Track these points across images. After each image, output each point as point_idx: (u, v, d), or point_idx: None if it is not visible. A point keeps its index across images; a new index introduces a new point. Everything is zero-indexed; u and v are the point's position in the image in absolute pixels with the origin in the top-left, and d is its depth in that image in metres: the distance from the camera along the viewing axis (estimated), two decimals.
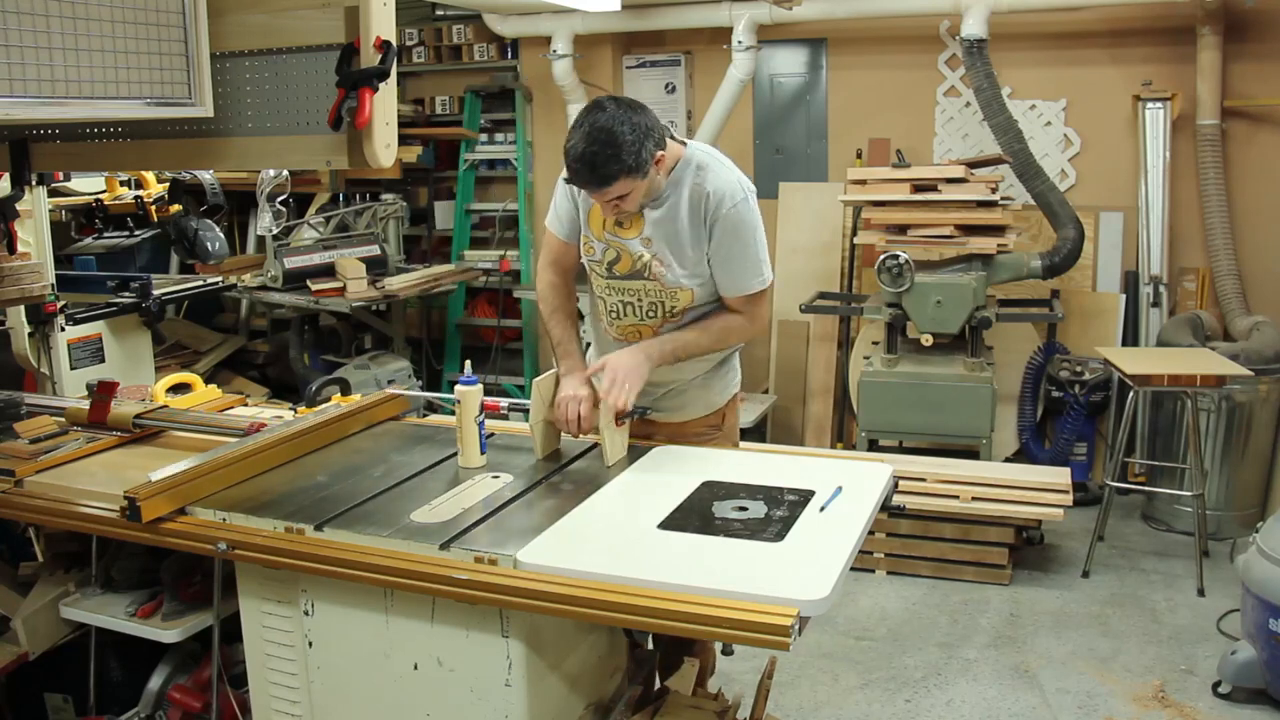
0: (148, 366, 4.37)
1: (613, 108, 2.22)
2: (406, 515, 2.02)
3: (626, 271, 2.47)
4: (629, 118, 2.21)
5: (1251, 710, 3.28)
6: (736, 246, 2.40)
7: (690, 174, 2.38)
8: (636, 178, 2.24)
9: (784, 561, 1.81)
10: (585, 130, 2.21)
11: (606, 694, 2.13)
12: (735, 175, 2.42)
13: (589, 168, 2.21)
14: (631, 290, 2.49)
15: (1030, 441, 5.17)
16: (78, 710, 2.53)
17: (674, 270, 2.42)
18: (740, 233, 2.39)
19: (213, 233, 4.89)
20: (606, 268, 2.49)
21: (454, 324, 6.42)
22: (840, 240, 5.63)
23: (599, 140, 2.18)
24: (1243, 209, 4.96)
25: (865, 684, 3.48)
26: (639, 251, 2.43)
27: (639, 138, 2.21)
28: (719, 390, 2.64)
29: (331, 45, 2.22)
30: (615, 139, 2.18)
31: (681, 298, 2.45)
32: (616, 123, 2.19)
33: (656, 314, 2.49)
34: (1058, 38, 5.18)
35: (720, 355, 2.60)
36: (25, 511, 2.25)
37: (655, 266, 2.43)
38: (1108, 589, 4.15)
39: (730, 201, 2.36)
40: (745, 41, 5.24)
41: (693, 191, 2.37)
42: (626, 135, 2.19)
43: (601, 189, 2.25)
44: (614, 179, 2.22)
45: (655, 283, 2.44)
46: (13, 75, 1.90)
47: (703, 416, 2.64)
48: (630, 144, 2.19)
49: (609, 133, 2.18)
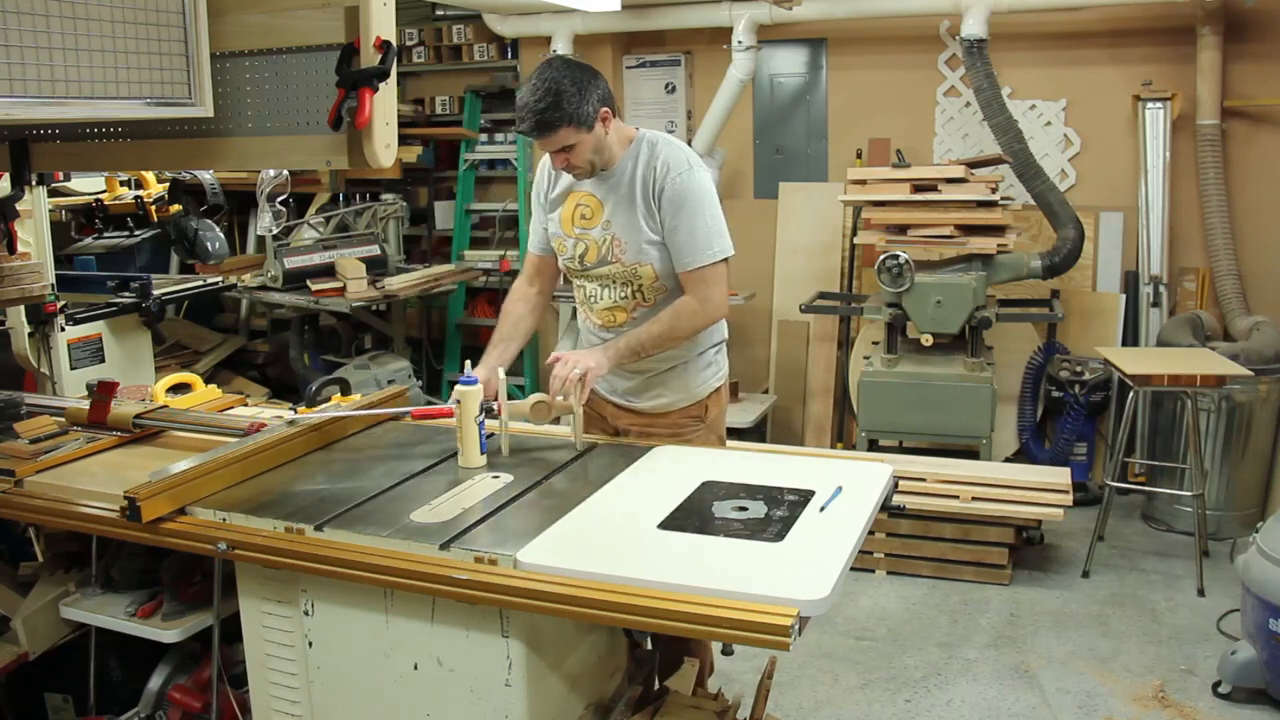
0: (148, 366, 4.37)
1: (560, 64, 2.39)
2: (406, 515, 2.02)
3: (595, 260, 2.60)
4: (573, 74, 2.37)
5: (1251, 710, 3.28)
6: (683, 215, 2.48)
7: (643, 150, 2.52)
8: (581, 130, 2.39)
9: (784, 561, 1.81)
10: (533, 83, 2.36)
11: (606, 694, 2.13)
12: (684, 150, 2.55)
13: (534, 115, 2.35)
14: (603, 276, 2.61)
15: (1030, 441, 5.18)
16: (78, 710, 2.53)
17: (631, 249, 2.54)
18: (686, 201, 2.48)
19: (213, 233, 4.89)
20: (579, 261, 2.63)
21: (454, 324, 6.42)
22: (840, 240, 5.64)
23: (544, 90, 2.33)
24: (1243, 209, 4.96)
25: (865, 684, 3.48)
26: (602, 237, 2.56)
27: (582, 91, 2.36)
28: (699, 380, 2.69)
29: (331, 45, 2.22)
30: (559, 89, 2.33)
31: (644, 274, 2.56)
32: (561, 75, 2.35)
33: (629, 295, 2.61)
34: (1058, 38, 5.18)
35: (699, 345, 2.66)
36: (25, 511, 2.25)
37: (615, 249, 2.55)
38: (1108, 589, 4.15)
39: (677, 170, 2.48)
40: (745, 41, 5.24)
41: (644, 166, 2.50)
42: (569, 87, 2.34)
43: (546, 136, 2.39)
44: (557, 126, 2.36)
45: (618, 264, 2.56)
46: (13, 75, 1.90)
47: (684, 407, 2.69)
48: (572, 95, 2.34)
49: (554, 83, 2.34)
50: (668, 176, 2.47)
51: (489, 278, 6.18)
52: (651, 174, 2.49)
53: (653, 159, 2.50)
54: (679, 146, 2.55)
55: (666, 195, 2.47)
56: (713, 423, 2.75)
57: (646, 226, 2.51)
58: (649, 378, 2.65)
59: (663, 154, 2.50)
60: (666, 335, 2.53)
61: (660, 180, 2.47)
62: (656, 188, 2.48)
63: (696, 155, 2.57)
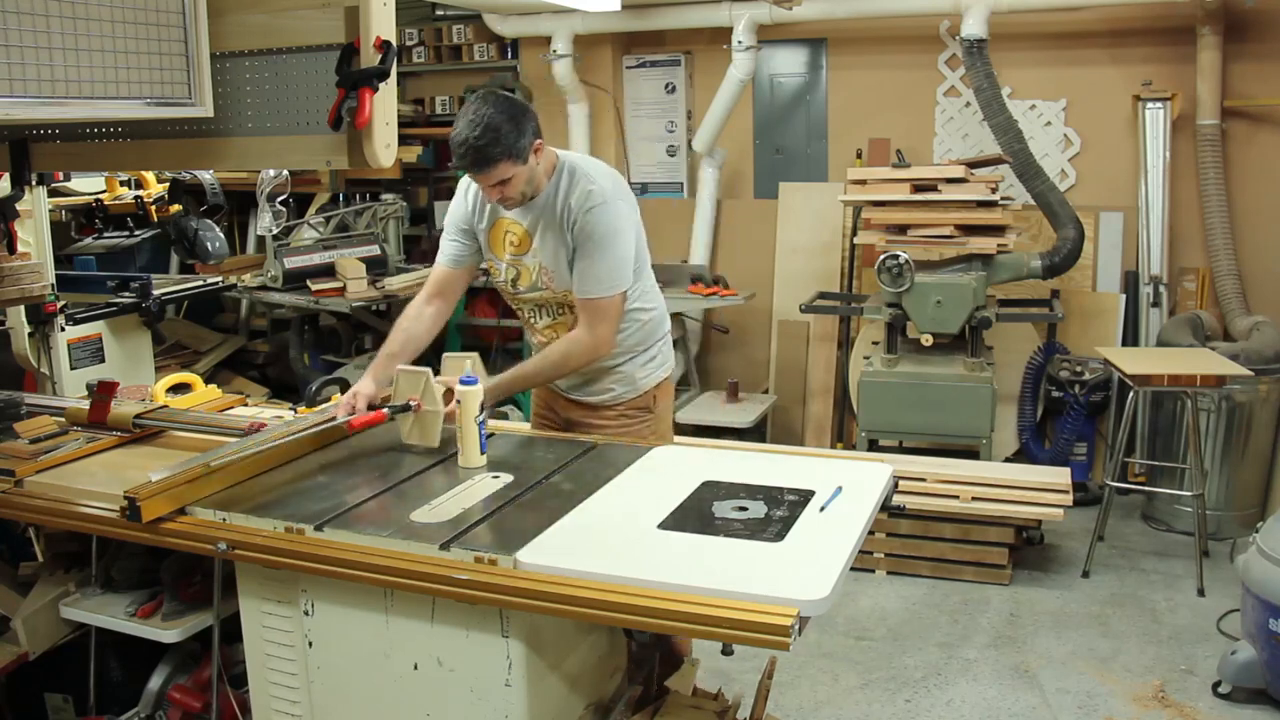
0: (148, 366, 4.37)
1: (493, 99, 2.42)
2: (406, 515, 2.02)
3: (528, 285, 2.69)
4: (508, 109, 2.41)
5: (1251, 710, 3.28)
6: (589, 249, 2.54)
7: (564, 179, 2.56)
8: (518, 163, 2.43)
9: (784, 561, 1.81)
10: (469, 119, 2.39)
11: (606, 694, 2.13)
12: (601, 178, 2.56)
13: (474, 151, 2.39)
14: (537, 300, 2.71)
15: (1030, 441, 5.17)
16: (78, 710, 2.53)
17: (559, 278, 2.61)
18: (593, 236, 2.53)
19: (213, 233, 4.89)
20: (512, 285, 2.72)
21: (454, 324, 6.41)
22: (840, 240, 5.64)
23: (482, 126, 2.36)
24: (1243, 209, 4.96)
25: (865, 684, 3.48)
26: (532, 265, 2.64)
27: (518, 125, 2.40)
28: (645, 373, 2.78)
29: (331, 45, 2.22)
30: (496, 126, 2.37)
31: (572, 300, 2.62)
32: (497, 111, 2.38)
33: (565, 314, 2.69)
34: (1058, 38, 5.18)
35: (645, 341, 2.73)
36: (25, 511, 2.25)
37: (544, 277, 2.62)
38: (1108, 589, 4.15)
39: (591, 204, 2.52)
40: (745, 41, 5.24)
41: (563, 195, 2.55)
42: (505, 123, 2.38)
43: (485, 171, 2.42)
44: (497, 161, 2.40)
45: (549, 290, 2.64)
46: (13, 75, 1.90)
47: (631, 399, 2.77)
48: (509, 130, 2.38)
49: (491, 119, 2.37)
50: (582, 209, 2.51)
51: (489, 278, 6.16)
52: (568, 207, 2.53)
53: (571, 188, 2.53)
54: (598, 174, 2.57)
55: (578, 227, 2.52)
56: (661, 414, 2.83)
57: (568, 260, 2.57)
58: (596, 369, 2.71)
59: (580, 185, 2.53)
60: (552, 373, 2.65)
61: (575, 212, 2.52)
62: (571, 219, 2.53)
63: (616, 179, 2.60)
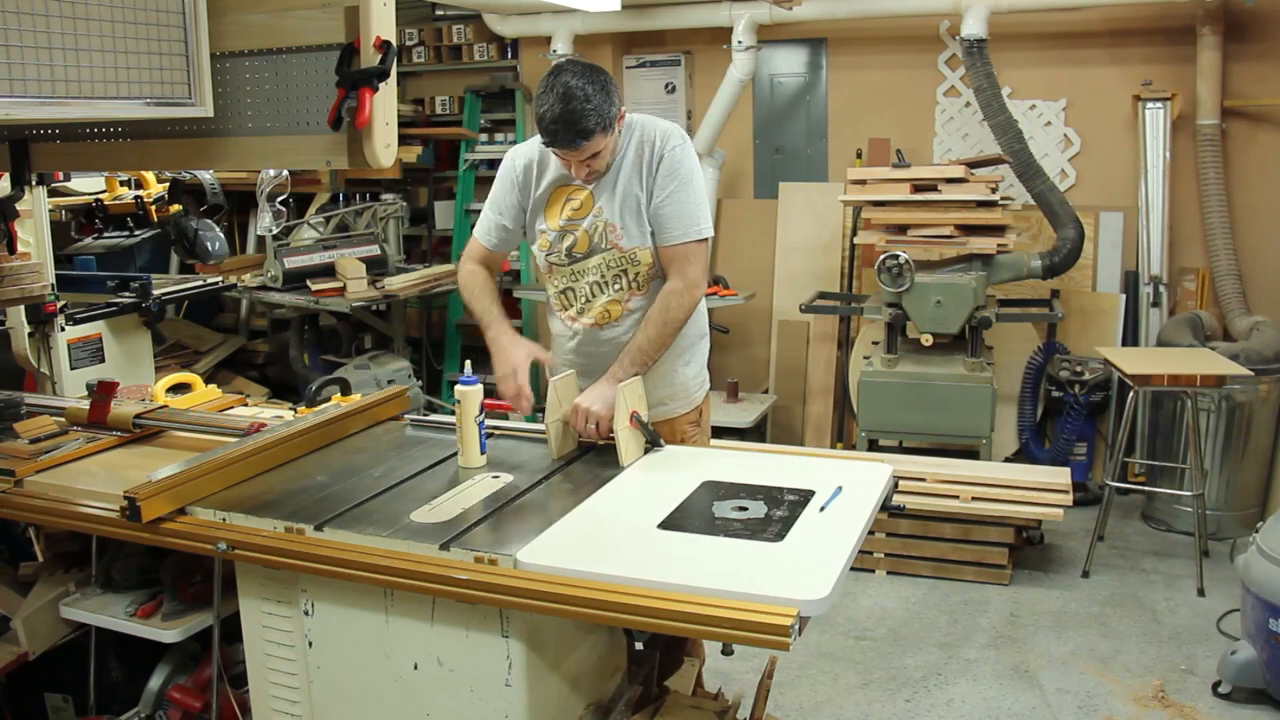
0: (148, 366, 4.37)
1: (578, 70, 2.32)
2: (406, 515, 2.02)
3: (586, 249, 2.55)
4: (594, 78, 2.32)
5: (1251, 710, 3.28)
6: (675, 185, 2.47)
7: (635, 130, 2.50)
8: (609, 134, 2.36)
9: (784, 561, 1.81)
10: (558, 93, 2.29)
11: (606, 694, 2.13)
12: (673, 124, 2.54)
13: (567, 126, 2.30)
14: (595, 269, 2.56)
15: (1030, 441, 5.17)
16: (78, 710, 2.53)
17: (630, 233, 2.51)
18: (679, 172, 2.47)
19: (213, 233, 4.89)
20: (567, 254, 2.57)
21: (454, 324, 6.42)
22: (840, 240, 5.64)
23: (573, 99, 2.28)
24: (1243, 209, 4.96)
25: (865, 684, 3.48)
26: (593, 225, 2.52)
27: (604, 97, 2.32)
28: (693, 385, 2.71)
29: (331, 45, 2.22)
30: (588, 96, 2.29)
31: (642, 259, 2.53)
32: (585, 83, 2.30)
33: (623, 285, 2.56)
34: (1058, 38, 5.18)
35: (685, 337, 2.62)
36: (25, 511, 2.25)
37: (610, 235, 2.51)
38: (1108, 589, 4.15)
39: (674, 142, 2.48)
40: (745, 41, 5.24)
41: (637, 141, 2.48)
42: (595, 93, 2.30)
43: (579, 146, 2.34)
44: (591, 135, 2.32)
45: (614, 250, 2.52)
46: (13, 75, 1.90)
47: (685, 414, 2.70)
48: (601, 101, 2.31)
49: (581, 90, 2.29)
50: (666, 146, 2.46)
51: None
52: (648, 145, 2.47)
53: (645, 133, 2.49)
54: (667, 121, 2.55)
55: (664, 164, 2.45)
56: (705, 426, 2.80)
57: (643, 206, 2.49)
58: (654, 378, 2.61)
59: (657, 127, 2.49)
60: (662, 332, 2.49)
61: (659, 149, 2.46)
62: (654, 156, 2.46)
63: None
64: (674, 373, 2.65)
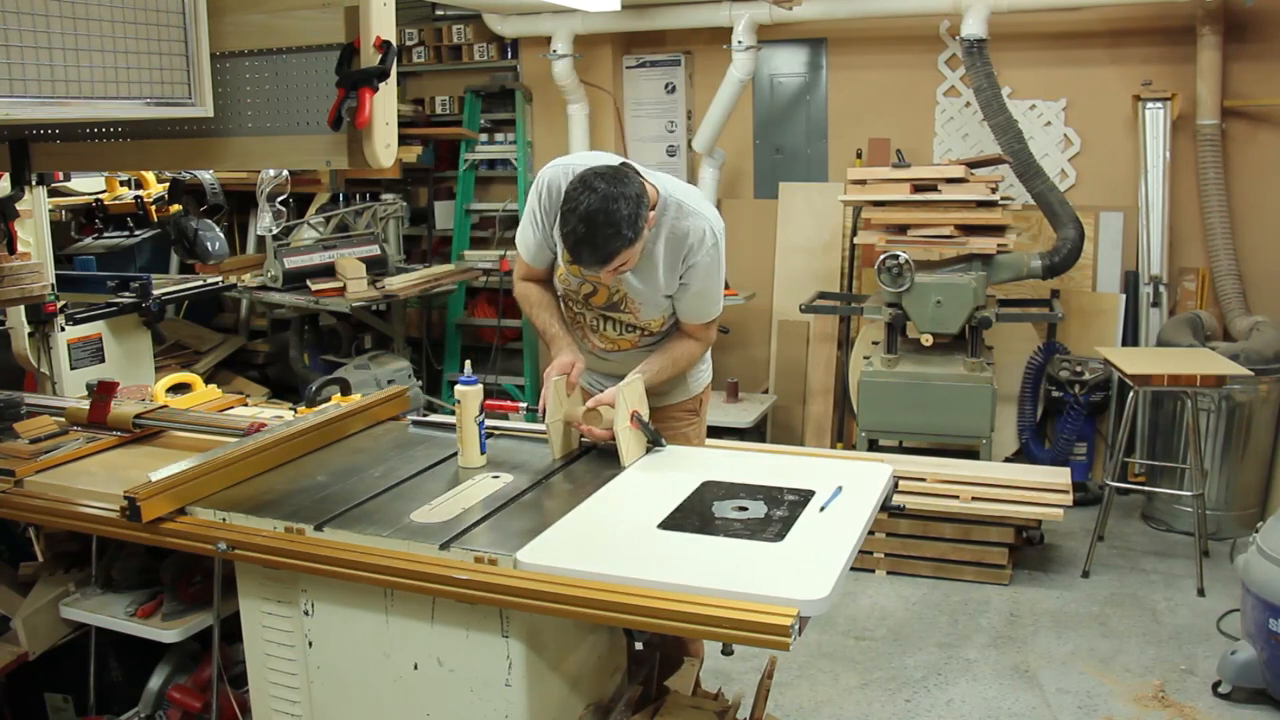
0: (148, 366, 4.37)
1: (602, 186, 2.21)
2: (406, 515, 2.02)
3: (604, 304, 2.60)
4: (620, 192, 2.22)
5: (1251, 710, 3.28)
6: (705, 284, 2.52)
7: (669, 217, 2.44)
8: (636, 245, 2.29)
9: (784, 561, 1.81)
10: (582, 214, 2.20)
11: (606, 694, 2.13)
12: (710, 217, 2.49)
13: (592, 249, 2.24)
14: (608, 314, 2.63)
15: (1030, 441, 5.17)
16: (78, 710, 2.53)
17: (648, 308, 2.56)
18: (711, 273, 2.51)
19: (213, 233, 4.89)
20: (583, 299, 2.61)
21: (454, 324, 6.42)
22: (840, 240, 5.64)
23: (598, 222, 2.19)
24: (1243, 209, 4.96)
25: (865, 684, 3.48)
26: (615, 289, 2.54)
27: (633, 210, 2.23)
28: (695, 377, 2.78)
29: (331, 45, 2.22)
30: (613, 218, 2.20)
31: (654, 322, 2.61)
32: (610, 200, 2.20)
33: (634, 333, 2.65)
34: (1058, 38, 5.18)
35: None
36: (25, 511, 2.25)
37: (628, 304, 2.56)
38: (1108, 589, 4.15)
39: (708, 245, 2.46)
40: (745, 41, 5.24)
41: (670, 232, 2.45)
42: (623, 211, 2.20)
43: (606, 265, 2.29)
44: (618, 254, 2.26)
45: (629, 315, 2.59)
46: (13, 75, 1.90)
47: (682, 401, 2.77)
48: (627, 218, 2.22)
49: (606, 213, 2.19)
50: (700, 251, 2.44)
51: (489, 278, 6.18)
52: (682, 243, 2.44)
53: (682, 226, 2.43)
54: (705, 209, 2.48)
55: (697, 267, 2.47)
56: (702, 417, 2.86)
57: (665, 285, 2.50)
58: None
59: (692, 223, 2.43)
60: (671, 375, 2.63)
61: (694, 252, 2.44)
62: (688, 258, 2.45)
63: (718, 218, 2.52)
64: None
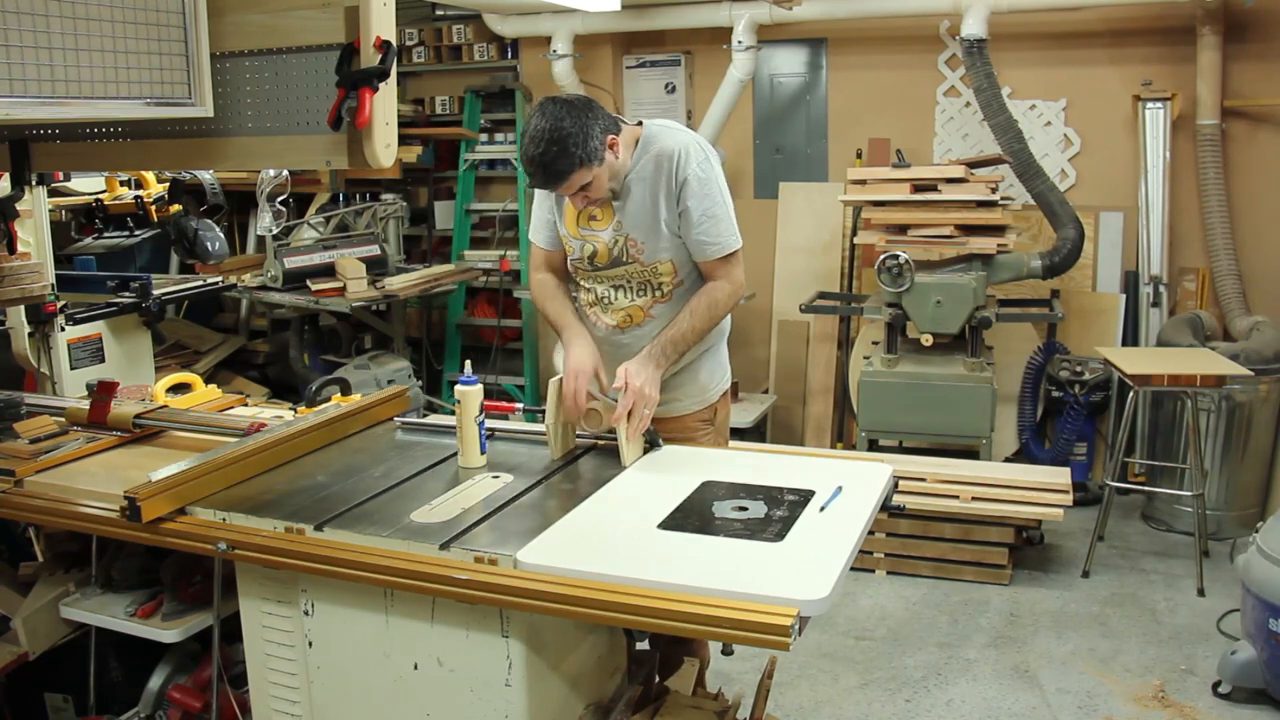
0: (148, 366, 4.37)
1: (552, 108, 2.32)
2: (406, 515, 2.02)
3: (606, 261, 2.56)
4: (569, 113, 2.30)
5: (1251, 710, 3.28)
6: (706, 203, 2.45)
7: (652, 146, 2.48)
8: (592, 166, 2.34)
9: (784, 561, 1.81)
10: (531, 135, 2.31)
11: (606, 694, 2.13)
12: (691, 135, 2.50)
13: (542, 168, 2.33)
14: (617, 276, 2.58)
15: (1030, 441, 5.17)
16: (78, 710, 2.53)
17: (650, 247, 2.51)
18: (709, 188, 2.46)
19: (213, 233, 4.89)
20: (588, 262, 2.58)
21: (454, 324, 6.42)
22: (840, 240, 5.64)
23: (545, 140, 2.29)
24: (1243, 209, 4.96)
25: (865, 684, 3.48)
26: (613, 239, 2.52)
27: (582, 129, 2.30)
28: (710, 383, 2.69)
29: (331, 45, 2.22)
30: (560, 136, 2.28)
31: (663, 270, 2.54)
32: (557, 120, 2.29)
33: (646, 293, 2.58)
34: (1058, 38, 5.18)
35: (707, 341, 2.62)
36: (25, 511, 2.25)
37: (631, 249, 2.51)
38: (1108, 589, 4.15)
39: (698, 159, 2.45)
40: (745, 41, 5.24)
41: (656, 158, 2.45)
42: (569, 129, 2.29)
43: (559, 184, 2.36)
44: (568, 174, 2.33)
45: (636, 264, 2.53)
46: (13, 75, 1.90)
47: (696, 411, 2.68)
48: (575, 136, 2.29)
49: (554, 131, 2.28)
50: (689, 167, 2.43)
51: (489, 278, 6.18)
52: (667, 162, 2.43)
53: (663, 148, 2.44)
54: (684, 131, 2.51)
55: (689, 189, 2.43)
56: (720, 425, 2.76)
57: (665, 223, 2.47)
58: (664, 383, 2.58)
59: (676, 141, 2.45)
60: (706, 326, 2.51)
61: (683, 172, 2.43)
62: (677, 178, 2.43)
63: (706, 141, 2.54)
64: (687, 368, 2.63)
